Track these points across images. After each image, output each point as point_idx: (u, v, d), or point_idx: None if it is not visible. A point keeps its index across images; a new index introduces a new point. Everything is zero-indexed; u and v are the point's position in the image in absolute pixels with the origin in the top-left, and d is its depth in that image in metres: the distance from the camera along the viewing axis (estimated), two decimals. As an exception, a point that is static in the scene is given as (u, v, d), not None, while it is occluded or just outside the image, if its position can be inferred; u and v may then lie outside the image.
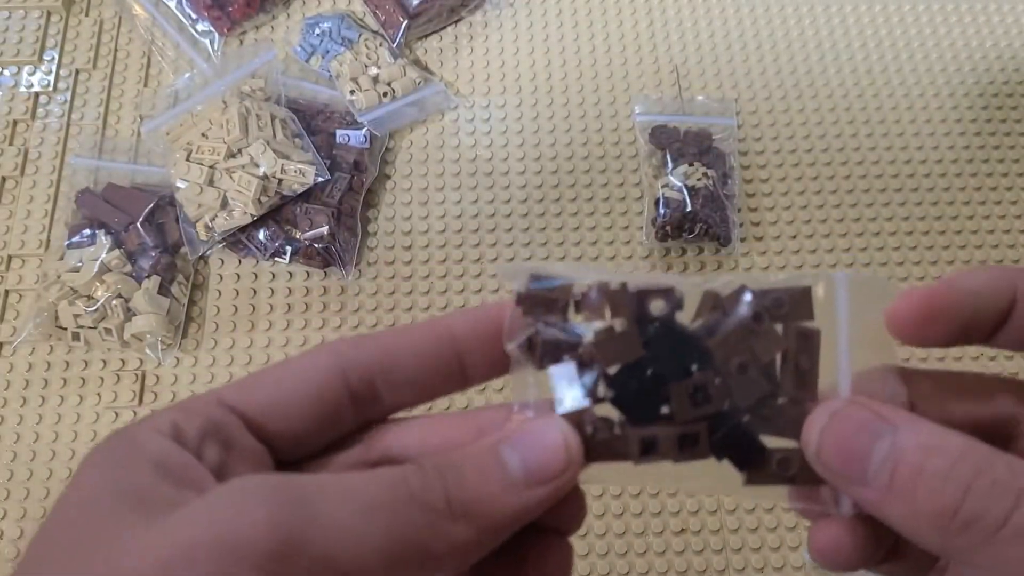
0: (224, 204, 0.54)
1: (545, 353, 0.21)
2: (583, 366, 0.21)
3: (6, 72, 0.64)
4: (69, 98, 0.63)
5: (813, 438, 0.20)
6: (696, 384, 0.20)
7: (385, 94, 0.60)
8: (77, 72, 0.64)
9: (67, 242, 0.55)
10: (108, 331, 0.52)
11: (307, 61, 0.63)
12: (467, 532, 0.19)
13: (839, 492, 0.20)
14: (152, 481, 0.19)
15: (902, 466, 0.18)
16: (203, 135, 0.55)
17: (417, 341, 0.23)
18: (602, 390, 0.21)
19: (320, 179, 0.55)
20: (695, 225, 0.57)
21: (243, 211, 0.54)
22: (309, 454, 0.22)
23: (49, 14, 0.66)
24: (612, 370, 0.21)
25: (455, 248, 0.58)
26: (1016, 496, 0.17)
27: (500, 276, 0.20)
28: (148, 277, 0.54)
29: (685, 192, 0.57)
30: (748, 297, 0.21)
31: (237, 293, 0.57)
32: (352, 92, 0.60)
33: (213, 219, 0.54)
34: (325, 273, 0.57)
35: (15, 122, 0.62)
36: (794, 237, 0.59)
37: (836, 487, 0.20)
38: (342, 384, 0.22)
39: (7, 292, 0.57)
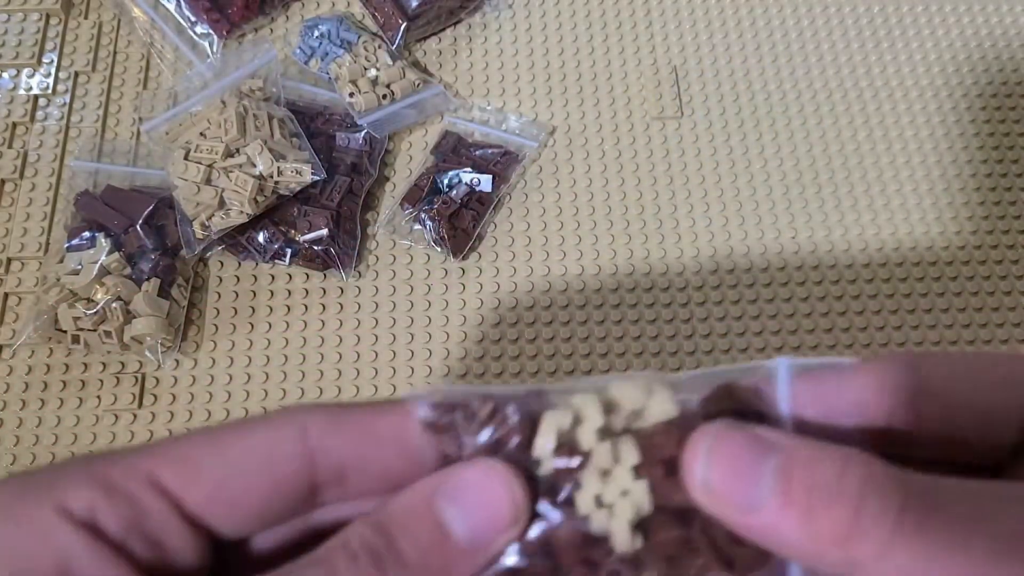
0: (221, 203, 0.54)
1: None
2: None
3: (5, 75, 0.64)
4: (68, 100, 0.63)
5: (699, 462, 0.18)
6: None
7: (384, 96, 0.60)
8: (76, 75, 0.64)
9: (66, 245, 0.54)
10: (108, 334, 0.52)
11: (306, 63, 0.63)
12: None
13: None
14: None
15: (796, 481, 0.17)
16: (201, 135, 0.55)
17: (394, 425, 0.19)
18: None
19: (316, 177, 0.55)
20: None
21: (239, 210, 0.54)
22: (248, 534, 0.19)
23: (48, 17, 0.66)
24: None
25: (455, 249, 0.58)
26: (898, 510, 0.16)
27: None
28: (148, 279, 0.54)
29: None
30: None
31: (237, 295, 0.57)
32: (351, 94, 0.60)
33: (210, 218, 0.54)
34: (324, 275, 0.57)
35: (14, 125, 0.62)
36: (794, 237, 0.59)
37: (730, 525, 0.18)
38: (307, 475, 0.18)
39: (6, 295, 0.56)
